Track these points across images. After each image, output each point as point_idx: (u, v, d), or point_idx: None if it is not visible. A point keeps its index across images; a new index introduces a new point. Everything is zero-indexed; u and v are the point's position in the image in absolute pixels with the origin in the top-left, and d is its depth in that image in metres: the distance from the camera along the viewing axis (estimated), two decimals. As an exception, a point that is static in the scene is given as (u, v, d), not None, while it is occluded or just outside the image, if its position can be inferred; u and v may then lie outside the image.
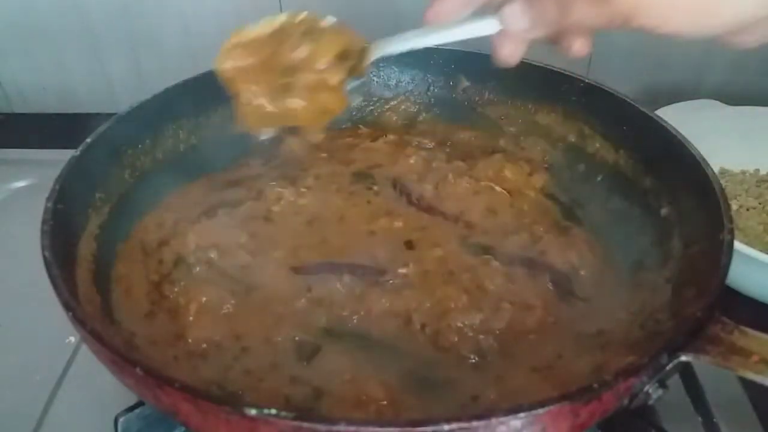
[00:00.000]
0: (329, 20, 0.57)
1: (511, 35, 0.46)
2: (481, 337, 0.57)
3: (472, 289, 0.61)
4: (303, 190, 0.73)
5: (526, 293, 0.61)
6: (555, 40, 0.46)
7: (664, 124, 0.66)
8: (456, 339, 0.57)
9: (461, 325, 0.57)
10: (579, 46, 0.46)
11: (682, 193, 0.63)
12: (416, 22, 0.52)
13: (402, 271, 0.62)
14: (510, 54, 0.47)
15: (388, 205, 0.72)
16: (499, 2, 0.46)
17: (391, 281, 0.62)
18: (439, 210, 0.71)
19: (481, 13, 0.48)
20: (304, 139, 0.62)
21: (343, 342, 0.57)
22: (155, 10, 1.07)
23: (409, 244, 0.66)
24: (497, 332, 0.57)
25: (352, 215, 0.70)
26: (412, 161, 0.77)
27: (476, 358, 0.56)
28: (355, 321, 0.59)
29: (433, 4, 0.49)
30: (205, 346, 0.57)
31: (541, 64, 0.78)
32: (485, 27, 0.47)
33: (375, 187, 0.74)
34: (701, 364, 0.45)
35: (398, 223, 0.69)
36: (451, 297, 0.59)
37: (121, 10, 1.08)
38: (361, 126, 0.86)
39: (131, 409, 0.56)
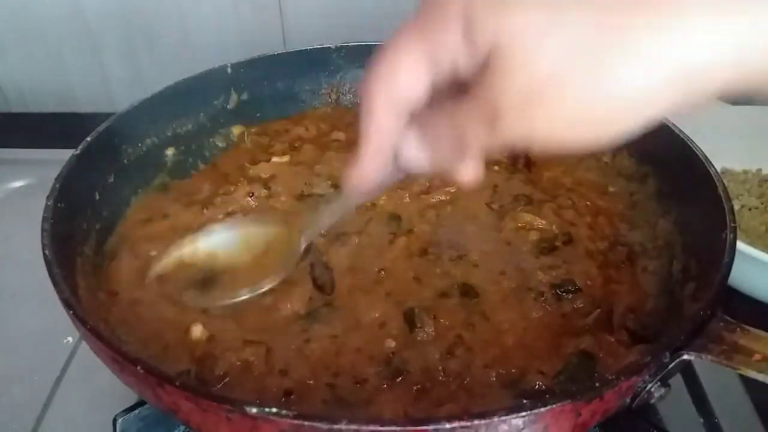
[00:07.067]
0: None
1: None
2: None
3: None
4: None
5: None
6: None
7: (668, 123, 0.66)
8: None
9: None
10: (472, 172, 0.41)
11: (685, 193, 0.63)
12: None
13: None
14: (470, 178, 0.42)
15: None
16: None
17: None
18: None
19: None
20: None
21: None
22: (153, 9, 1.07)
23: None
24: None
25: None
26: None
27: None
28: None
29: (354, 173, 0.43)
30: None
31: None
32: (394, 178, 0.45)
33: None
34: (703, 362, 0.45)
35: None
36: None
37: (119, 10, 1.08)
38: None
39: (130, 409, 0.55)
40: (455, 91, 0.38)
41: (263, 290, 0.57)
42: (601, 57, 0.33)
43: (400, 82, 0.38)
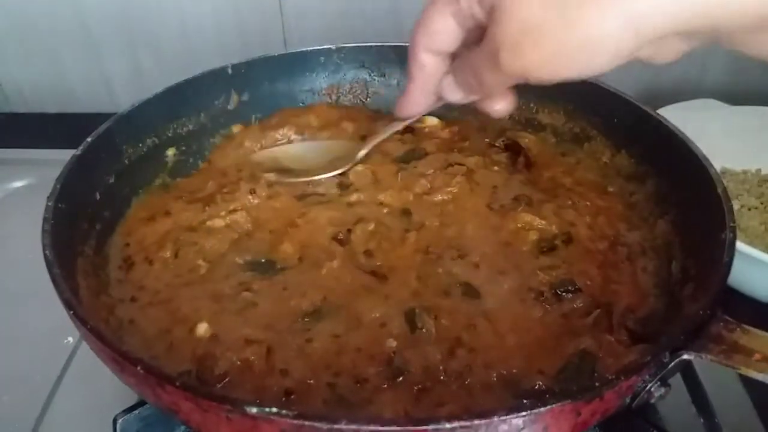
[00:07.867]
0: None
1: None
2: None
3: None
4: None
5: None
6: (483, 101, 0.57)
7: (667, 124, 0.66)
8: None
9: None
10: (502, 106, 0.58)
11: (685, 193, 0.63)
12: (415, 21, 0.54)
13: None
14: (501, 109, 0.58)
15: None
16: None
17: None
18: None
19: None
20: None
21: None
22: (154, 9, 1.08)
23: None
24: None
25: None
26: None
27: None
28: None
29: (402, 102, 0.61)
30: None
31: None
32: (438, 105, 0.61)
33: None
34: (703, 362, 0.45)
35: None
36: None
37: (120, 10, 1.08)
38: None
39: (130, 409, 0.55)
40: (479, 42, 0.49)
41: (327, 176, 0.73)
42: (569, 5, 0.41)
43: (435, 32, 0.53)
